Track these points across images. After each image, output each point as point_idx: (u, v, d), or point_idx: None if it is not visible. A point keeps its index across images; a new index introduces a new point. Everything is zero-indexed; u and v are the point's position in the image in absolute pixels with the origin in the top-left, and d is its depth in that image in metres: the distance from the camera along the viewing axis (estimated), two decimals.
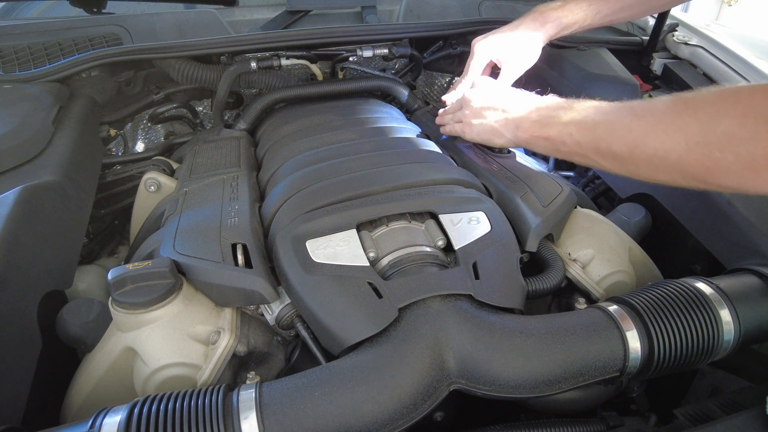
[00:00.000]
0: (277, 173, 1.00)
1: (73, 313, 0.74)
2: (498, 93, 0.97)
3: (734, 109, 0.61)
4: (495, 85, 1.01)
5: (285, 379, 0.61)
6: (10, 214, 0.77)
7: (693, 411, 0.69)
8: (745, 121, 0.60)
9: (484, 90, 0.99)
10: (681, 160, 0.67)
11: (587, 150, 0.78)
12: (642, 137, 0.70)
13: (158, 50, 1.20)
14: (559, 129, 0.82)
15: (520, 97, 0.93)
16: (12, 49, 1.25)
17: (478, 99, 0.98)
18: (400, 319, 0.66)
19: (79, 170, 0.99)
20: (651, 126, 0.69)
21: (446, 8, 1.56)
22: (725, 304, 0.69)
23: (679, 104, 0.67)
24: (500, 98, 0.95)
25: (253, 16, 1.56)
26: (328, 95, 1.33)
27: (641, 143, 0.70)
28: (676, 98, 0.68)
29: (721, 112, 0.62)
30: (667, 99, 0.69)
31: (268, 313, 0.79)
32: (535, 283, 0.80)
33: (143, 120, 1.44)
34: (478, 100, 0.98)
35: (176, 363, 0.68)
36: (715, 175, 0.65)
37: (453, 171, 0.94)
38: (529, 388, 0.62)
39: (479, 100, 0.98)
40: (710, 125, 0.63)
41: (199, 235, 0.80)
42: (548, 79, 1.30)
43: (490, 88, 0.99)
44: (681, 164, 0.67)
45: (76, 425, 0.56)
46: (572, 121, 0.80)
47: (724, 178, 0.64)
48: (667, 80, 1.43)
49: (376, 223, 0.82)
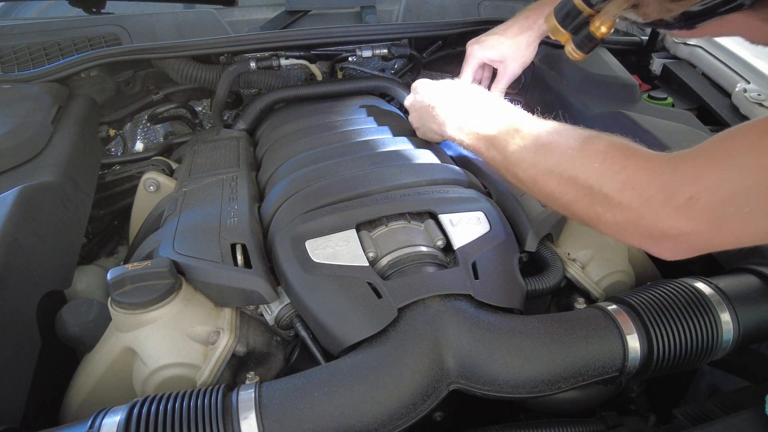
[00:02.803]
0: (276, 173, 1.00)
1: (72, 313, 0.74)
2: (431, 93, 1.00)
3: (617, 176, 0.65)
4: (431, 85, 1.02)
5: (284, 379, 0.61)
6: (9, 214, 0.77)
7: (692, 411, 0.69)
8: (624, 189, 0.64)
9: (421, 91, 1.02)
10: (571, 205, 0.71)
11: (498, 167, 0.82)
12: (542, 175, 0.73)
13: (157, 50, 1.20)
14: (476, 140, 0.84)
15: (453, 98, 0.94)
16: (11, 49, 1.25)
17: (415, 101, 1.03)
18: (399, 319, 0.66)
19: (79, 170, 0.99)
20: (549, 168, 0.72)
21: (445, 8, 1.56)
22: (724, 304, 0.69)
23: (578, 152, 0.70)
24: (433, 98, 0.98)
25: (253, 16, 1.56)
26: (327, 95, 1.33)
27: (540, 181, 0.73)
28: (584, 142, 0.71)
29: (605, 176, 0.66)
30: (577, 141, 0.72)
31: (268, 313, 0.79)
32: (534, 283, 0.80)
33: (142, 120, 1.43)
34: (415, 102, 1.03)
35: (175, 363, 0.68)
36: (599, 227, 0.69)
37: (452, 171, 0.94)
38: (528, 387, 0.62)
39: (416, 102, 1.03)
40: (598, 184, 0.66)
41: (198, 235, 0.80)
42: (548, 80, 1.30)
43: (426, 88, 1.02)
44: (571, 208, 0.71)
45: (76, 425, 0.56)
46: (488, 137, 0.82)
47: (606, 231, 0.69)
48: (666, 80, 1.43)
49: (376, 223, 0.82)
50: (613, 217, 0.66)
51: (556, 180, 0.71)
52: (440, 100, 0.95)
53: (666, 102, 1.27)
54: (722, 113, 1.21)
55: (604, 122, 1.11)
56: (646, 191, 0.62)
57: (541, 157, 0.73)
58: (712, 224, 0.60)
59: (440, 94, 0.96)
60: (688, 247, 0.64)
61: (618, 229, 0.67)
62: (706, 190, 0.58)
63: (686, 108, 1.27)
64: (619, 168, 0.65)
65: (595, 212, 0.68)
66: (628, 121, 1.06)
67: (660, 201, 0.61)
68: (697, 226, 0.60)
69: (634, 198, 0.63)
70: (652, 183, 0.62)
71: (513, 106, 0.86)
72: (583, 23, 0.79)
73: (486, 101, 0.89)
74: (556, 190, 0.72)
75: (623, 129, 1.06)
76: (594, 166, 0.67)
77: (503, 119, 0.82)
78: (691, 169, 0.60)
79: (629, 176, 0.64)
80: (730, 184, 0.57)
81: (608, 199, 0.65)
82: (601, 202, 0.66)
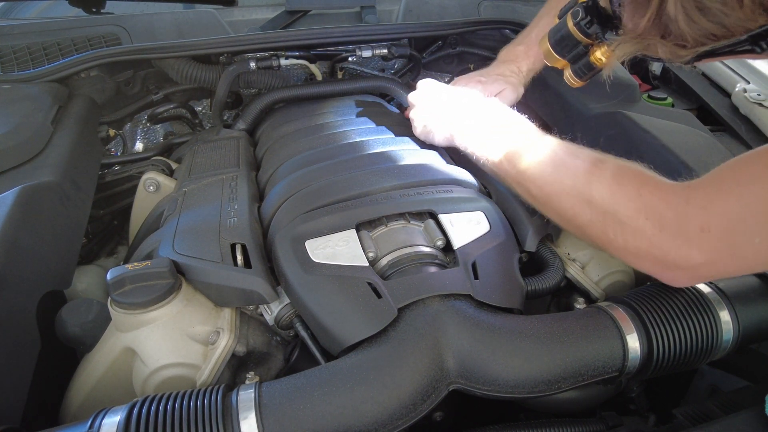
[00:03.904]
0: (276, 173, 1.00)
1: (72, 313, 0.74)
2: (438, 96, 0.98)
3: (632, 203, 0.65)
4: (437, 88, 1.01)
5: (284, 379, 0.61)
6: (8, 214, 0.76)
7: (692, 411, 0.69)
8: (639, 217, 0.64)
9: (425, 91, 1.01)
10: (584, 226, 0.71)
11: (508, 180, 0.82)
12: (556, 194, 0.73)
13: (157, 50, 1.20)
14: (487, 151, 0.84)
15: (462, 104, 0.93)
16: (11, 49, 1.25)
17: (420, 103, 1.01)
18: (399, 319, 0.66)
19: (78, 170, 0.99)
20: (564, 188, 0.72)
21: (445, 8, 1.56)
22: (724, 304, 0.69)
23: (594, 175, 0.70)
24: (441, 102, 0.97)
25: (252, 16, 1.56)
26: (327, 95, 1.33)
27: (555, 199, 0.73)
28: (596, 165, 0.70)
29: (621, 202, 0.66)
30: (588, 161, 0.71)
31: (268, 313, 0.79)
32: (534, 283, 0.80)
33: (142, 120, 1.43)
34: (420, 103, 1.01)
35: (175, 363, 0.68)
36: (610, 251, 0.70)
37: (452, 171, 0.94)
38: (528, 387, 0.62)
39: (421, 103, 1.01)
40: (612, 209, 0.66)
41: (198, 235, 0.80)
42: (547, 79, 1.30)
43: (432, 90, 1.00)
44: (584, 230, 0.71)
45: (76, 425, 0.56)
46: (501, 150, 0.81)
47: (618, 255, 0.70)
48: (665, 80, 1.43)
49: (376, 223, 0.82)
50: (625, 242, 0.66)
51: (571, 201, 0.71)
52: (450, 106, 0.94)
53: (666, 102, 1.28)
54: (722, 113, 1.21)
55: (604, 122, 1.11)
56: (660, 221, 0.62)
57: (557, 176, 0.73)
58: (724, 254, 0.60)
59: (449, 99, 0.95)
60: (700, 276, 0.65)
61: (630, 255, 0.67)
62: (717, 220, 0.58)
63: (686, 108, 1.27)
64: (634, 195, 0.65)
65: (608, 237, 0.68)
66: (628, 121, 1.06)
67: (673, 231, 0.61)
68: (709, 256, 0.60)
69: (648, 226, 0.63)
70: (666, 213, 0.62)
71: (523, 117, 0.85)
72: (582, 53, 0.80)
73: (498, 110, 0.88)
74: (570, 211, 0.71)
75: (623, 129, 1.07)
76: (609, 191, 0.67)
77: (516, 132, 0.82)
78: (702, 199, 0.60)
79: (645, 204, 0.64)
80: (739, 214, 0.56)
81: (622, 225, 0.65)
82: (614, 228, 0.66)
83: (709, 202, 0.59)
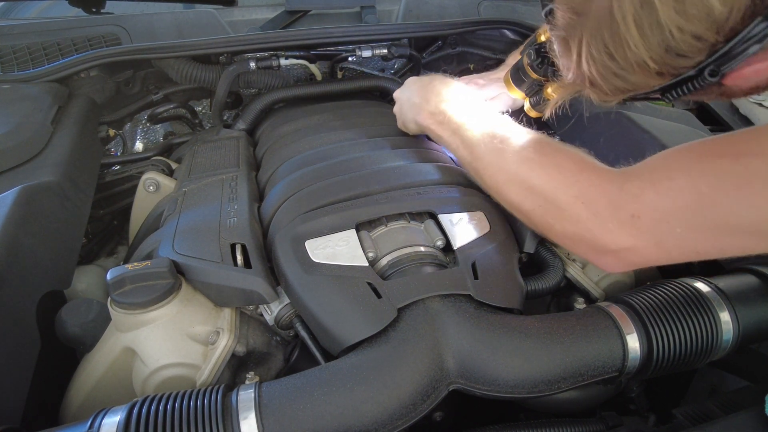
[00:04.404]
0: (276, 173, 1.00)
1: (72, 313, 0.74)
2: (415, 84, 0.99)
3: (570, 189, 0.67)
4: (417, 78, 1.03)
5: (284, 379, 0.61)
6: (8, 214, 0.76)
7: (692, 411, 0.69)
8: (575, 203, 0.66)
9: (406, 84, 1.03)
10: (528, 213, 0.73)
11: (468, 168, 0.84)
12: (503, 184, 0.76)
13: (157, 50, 1.20)
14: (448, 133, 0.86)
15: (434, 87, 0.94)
16: (10, 49, 1.25)
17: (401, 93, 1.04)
18: (399, 319, 0.66)
19: (78, 170, 0.99)
20: (510, 176, 0.74)
21: (445, 8, 1.56)
22: (724, 304, 0.69)
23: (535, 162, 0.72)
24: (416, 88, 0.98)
25: (252, 16, 1.56)
26: (327, 95, 1.33)
27: (503, 189, 0.76)
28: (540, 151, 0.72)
29: (559, 188, 0.68)
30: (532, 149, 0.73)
31: (267, 313, 0.79)
32: (534, 283, 0.80)
33: (142, 120, 1.44)
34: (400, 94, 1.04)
35: (175, 363, 0.68)
36: (552, 237, 0.73)
37: (452, 171, 0.94)
38: (528, 387, 0.62)
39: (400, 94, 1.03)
40: (552, 195, 0.69)
41: (198, 235, 0.80)
42: None
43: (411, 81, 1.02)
44: (529, 217, 0.74)
45: (75, 425, 0.56)
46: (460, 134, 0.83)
47: (558, 241, 0.73)
48: None
49: (375, 223, 0.82)
50: (563, 228, 0.69)
51: (516, 189, 0.73)
52: (420, 94, 0.95)
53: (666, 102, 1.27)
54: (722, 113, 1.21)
55: (604, 122, 1.11)
56: (593, 206, 0.65)
57: (503, 164, 0.75)
58: (651, 241, 0.62)
59: (420, 88, 0.97)
60: (628, 262, 0.67)
61: (567, 240, 0.70)
62: (647, 209, 0.61)
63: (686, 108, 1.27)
64: (572, 181, 0.67)
65: (548, 223, 0.71)
66: (628, 121, 1.06)
67: (606, 216, 0.64)
68: (637, 242, 0.63)
69: (583, 212, 0.65)
70: (600, 198, 0.65)
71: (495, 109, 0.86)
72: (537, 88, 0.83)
73: (468, 100, 0.89)
74: (516, 198, 0.74)
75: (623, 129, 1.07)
76: (549, 177, 0.69)
77: (477, 121, 0.82)
78: (635, 186, 0.62)
79: (581, 190, 0.66)
80: (666, 205, 0.59)
81: (560, 211, 0.68)
82: (553, 214, 0.69)
83: (641, 190, 0.62)
